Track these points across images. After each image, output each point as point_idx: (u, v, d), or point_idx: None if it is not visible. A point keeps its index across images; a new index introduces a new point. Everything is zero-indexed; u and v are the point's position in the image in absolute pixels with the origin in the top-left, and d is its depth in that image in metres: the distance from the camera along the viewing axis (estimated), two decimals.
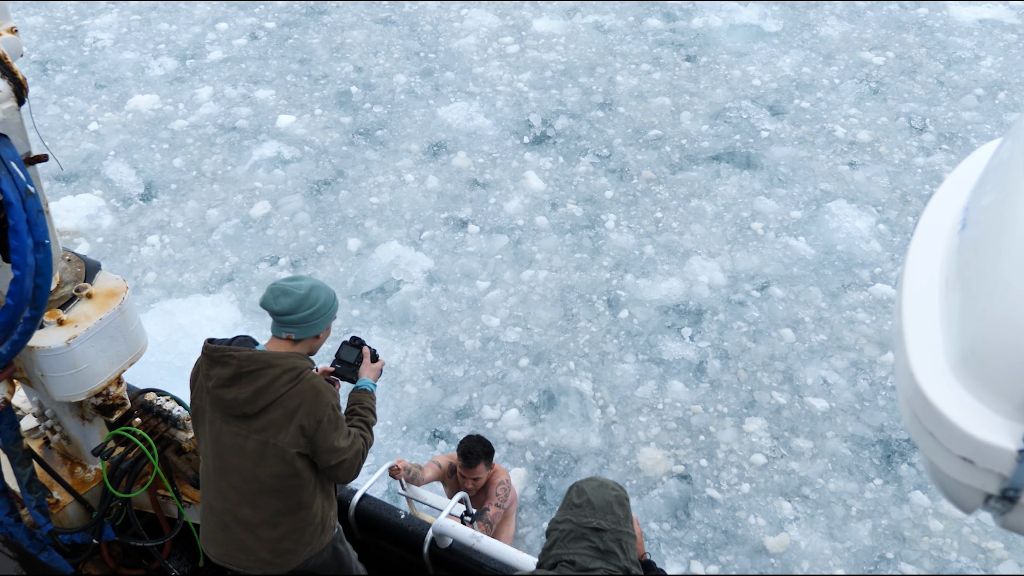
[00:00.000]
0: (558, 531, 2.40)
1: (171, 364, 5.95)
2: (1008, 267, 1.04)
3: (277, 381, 2.78)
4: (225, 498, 2.94)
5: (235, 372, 2.79)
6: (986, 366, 1.06)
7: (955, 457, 1.08)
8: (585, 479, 2.52)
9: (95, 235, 7.06)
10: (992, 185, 1.17)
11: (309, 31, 9.36)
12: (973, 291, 1.11)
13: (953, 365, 1.11)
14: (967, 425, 1.06)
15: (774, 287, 6.61)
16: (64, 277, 3.24)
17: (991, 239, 1.09)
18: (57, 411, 3.48)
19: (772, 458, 5.51)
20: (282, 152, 7.80)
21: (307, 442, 2.82)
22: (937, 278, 1.22)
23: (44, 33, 9.41)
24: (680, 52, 9.01)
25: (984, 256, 1.10)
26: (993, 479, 1.04)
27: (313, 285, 2.89)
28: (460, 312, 6.39)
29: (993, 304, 1.05)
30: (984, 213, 1.16)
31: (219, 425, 2.89)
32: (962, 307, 1.12)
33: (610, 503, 2.40)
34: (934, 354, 1.14)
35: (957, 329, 1.12)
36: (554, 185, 7.48)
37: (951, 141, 7.81)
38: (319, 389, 2.83)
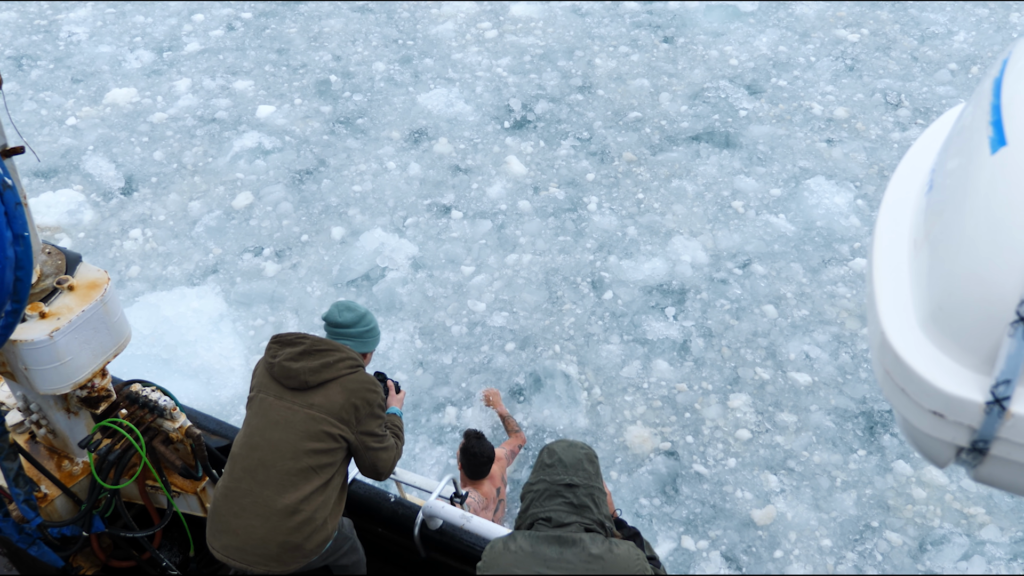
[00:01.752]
0: (533, 492, 2.47)
1: (157, 357, 5.95)
2: (971, 227, 1.07)
3: (341, 363, 3.08)
4: (252, 476, 3.00)
5: (307, 349, 3.08)
6: (953, 322, 1.10)
7: (926, 412, 1.11)
8: (554, 441, 2.59)
9: (76, 230, 7.03)
10: (956, 148, 1.20)
11: (286, 21, 9.31)
12: (939, 251, 1.14)
13: (922, 322, 1.15)
14: (936, 380, 1.09)
15: (756, 264, 6.67)
16: (45, 270, 3.24)
17: (955, 200, 1.13)
18: (42, 405, 3.48)
19: (757, 433, 5.58)
20: (263, 143, 7.77)
21: (356, 423, 3.05)
22: (906, 239, 1.26)
23: (18, 28, 9.31)
24: (658, 33, 9.02)
25: (949, 217, 1.14)
26: (963, 432, 1.08)
27: (368, 310, 3.33)
28: (446, 297, 6.41)
29: (958, 262, 1.09)
30: (949, 175, 1.19)
31: (271, 401, 3.09)
32: (930, 266, 1.15)
33: (580, 460, 2.47)
34: (904, 312, 1.18)
35: (925, 288, 1.15)
36: (536, 169, 7.50)
37: (926, 116, 7.87)
38: (375, 381, 3.16)
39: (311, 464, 2.99)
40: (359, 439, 3.08)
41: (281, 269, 6.63)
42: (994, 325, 1.03)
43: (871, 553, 5.00)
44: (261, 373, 3.17)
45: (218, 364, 5.86)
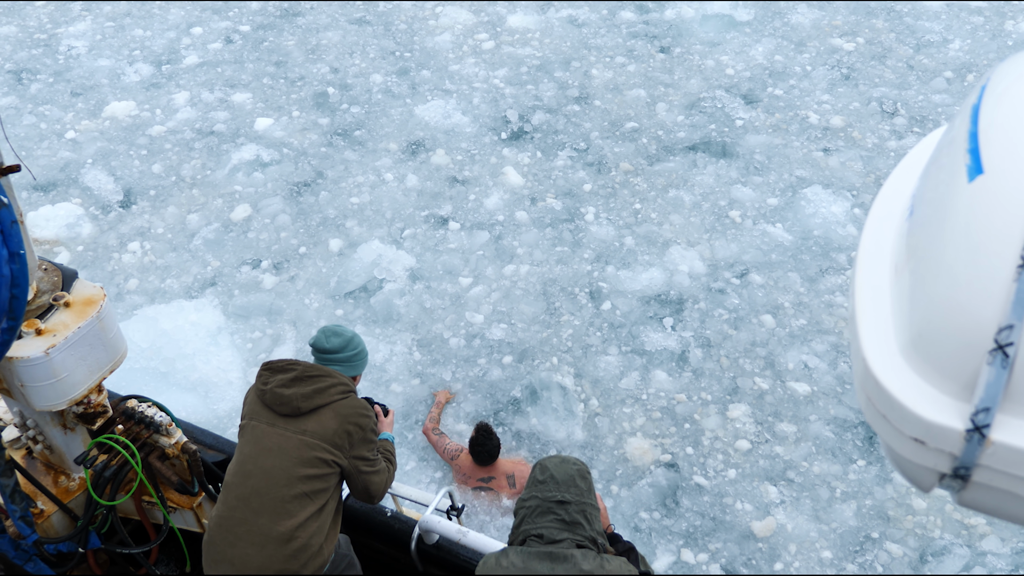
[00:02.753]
0: (525, 508, 2.47)
1: (155, 370, 5.95)
2: (950, 254, 1.08)
3: (333, 389, 3.10)
4: (246, 504, 2.97)
5: (298, 375, 3.10)
6: (933, 349, 1.10)
7: (907, 438, 1.11)
8: (547, 457, 2.59)
9: (75, 244, 7.04)
10: (935, 174, 1.21)
11: (284, 33, 9.34)
12: (919, 277, 1.14)
13: (903, 348, 1.15)
14: (917, 407, 1.09)
15: (753, 274, 6.67)
16: (41, 286, 3.24)
17: (934, 227, 1.13)
18: (39, 421, 3.48)
19: (756, 443, 5.57)
20: (261, 155, 7.79)
21: (349, 448, 3.05)
22: (888, 264, 1.26)
23: (18, 42, 9.35)
24: (654, 44, 9.05)
25: (928, 244, 1.14)
26: (945, 458, 1.08)
27: (356, 333, 3.34)
28: (443, 309, 6.41)
29: (937, 290, 1.09)
30: (928, 201, 1.19)
31: (263, 428, 3.08)
32: (910, 293, 1.16)
33: (572, 476, 2.47)
34: (885, 338, 1.18)
35: (906, 314, 1.16)
36: (533, 180, 7.51)
37: (922, 124, 7.89)
38: (367, 406, 3.18)
39: (305, 490, 2.98)
40: (352, 464, 3.08)
41: (279, 281, 6.63)
42: (973, 353, 1.03)
43: (871, 564, 4.98)
44: (252, 400, 3.16)
45: (216, 377, 5.86)
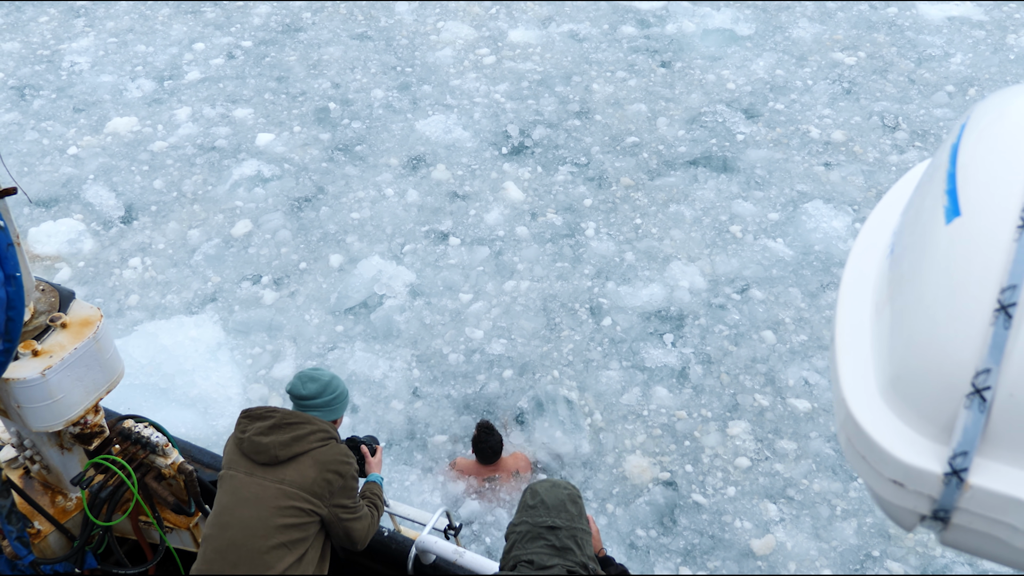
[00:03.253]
0: (516, 533, 2.46)
1: (155, 386, 5.95)
2: (928, 297, 1.07)
3: (312, 436, 3.04)
4: (224, 557, 2.92)
5: (276, 423, 3.04)
6: (911, 391, 1.09)
7: (887, 481, 1.10)
8: (538, 481, 2.58)
9: (76, 259, 7.05)
10: (914, 213, 1.21)
11: (286, 49, 9.38)
12: (899, 318, 1.14)
13: (882, 389, 1.14)
14: (895, 449, 1.09)
15: (754, 289, 6.66)
16: (38, 307, 3.25)
17: (913, 268, 1.13)
18: (36, 441, 3.48)
19: (756, 460, 5.55)
20: (262, 170, 7.81)
21: (329, 497, 3.00)
22: (869, 302, 1.26)
23: (21, 58, 9.40)
24: (655, 58, 9.07)
25: (907, 284, 1.14)
26: (924, 501, 1.07)
27: (333, 375, 3.26)
28: (443, 325, 6.41)
29: (916, 332, 1.09)
30: (907, 241, 1.19)
31: (241, 477, 3.01)
32: (890, 332, 1.15)
33: (563, 501, 2.46)
34: (865, 379, 1.17)
35: (885, 354, 1.15)
36: (533, 195, 7.52)
37: (924, 138, 7.89)
38: (347, 452, 3.13)
39: (283, 540, 2.92)
40: (331, 512, 3.03)
41: (279, 297, 6.64)
42: (950, 396, 1.03)
43: None
44: (231, 450, 3.10)
45: (215, 393, 5.86)
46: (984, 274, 1.00)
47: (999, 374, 0.98)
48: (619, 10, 9.82)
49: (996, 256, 1.00)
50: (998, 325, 0.98)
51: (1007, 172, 1.03)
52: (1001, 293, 0.98)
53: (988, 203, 1.03)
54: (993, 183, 1.04)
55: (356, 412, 5.84)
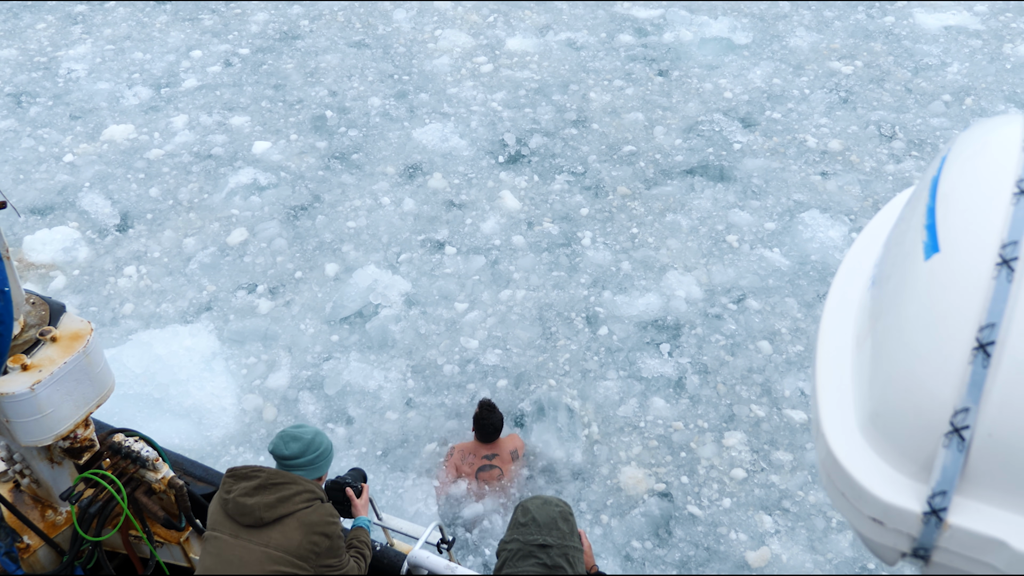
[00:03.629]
0: (507, 551, 2.45)
1: (149, 396, 5.93)
2: (907, 333, 1.06)
3: (298, 497, 3.01)
4: None
5: (261, 483, 3.00)
6: (890, 428, 1.08)
7: (866, 518, 1.09)
8: (529, 498, 2.57)
9: (71, 268, 7.04)
10: (895, 246, 1.19)
11: (283, 56, 9.38)
12: (878, 352, 1.12)
13: (862, 425, 1.13)
14: (874, 487, 1.07)
15: (750, 299, 6.65)
16: (28, 320, 3.23)
17: (893, 303, 1.12)
18: (25, 455, 3.46)
19: (752, 472, 5.53)
20: (258, 178, 7.80)
21: (314, 558, 2.98)
22: (851, 334, 1.24)
23: (18, 65, 9.39)
24: (652, 67, 9.07)
25: (887, 320, 1.12)
26: (904, 539, 1.06)
27: (316, 431, 3.22)
28: (439, 335, 6.39)
29: (895, 368, 1.07)
30: (887, 275, 1.18)
31: (225, 539, 2.99)
32: (870, 367, 1.14)
33: (554, 519, 2.45)
34: (844, 414, 1.16)
35: (866, 389, 1.14)
36: (530, 204, 7.51)
37: (920, 148, 7.89)
38: (333, 513, 3.11)
39: None
40: (318, 571, 3.01)
41: (275, 306, 6.62)
42: (929, 434, 1.01)
43: None
44: (216, 511, 3.06)
45: (210, 404, 5.84)
46: (962, 312, 0.99)
47: (978, 413, 0.97)
48: (617, 19, 9.82)
49: (974, 294, 0.99)
50: (976, 364, 0.97)
51: (986, 208, 1.02)
52: (979, 331, 0.97)
53: (967, 240, 1.02)
54: (972, 219, 1.03)
55: (351, 423, 5.82)
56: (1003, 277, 0.97)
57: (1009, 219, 0.99)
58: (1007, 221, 0.99)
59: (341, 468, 5.51)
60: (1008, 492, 0.98)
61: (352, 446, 5.69)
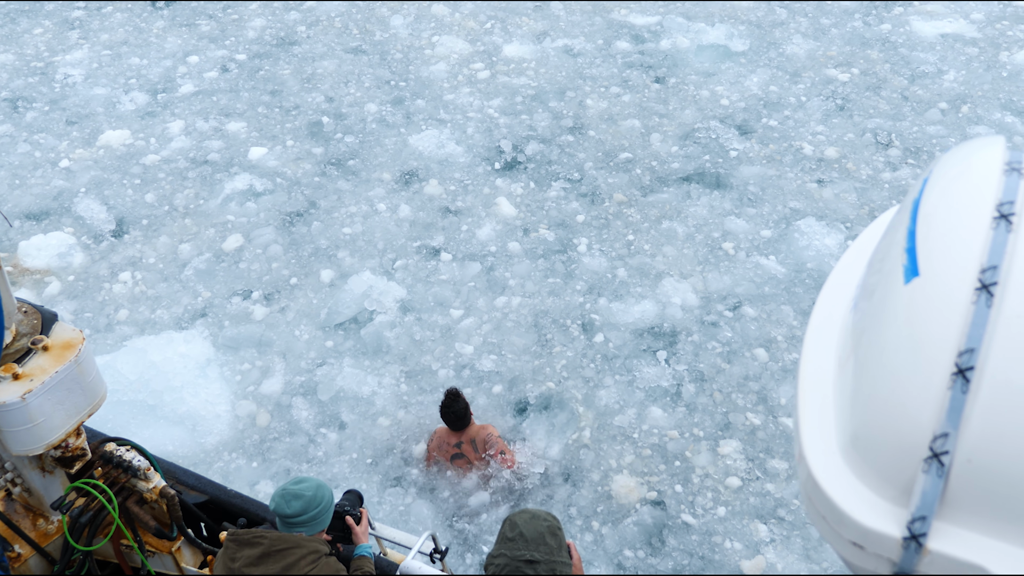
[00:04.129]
0: (494, 565, 2.44)
1: (143, 403, 5.91)
2: (887, 357, 1.06)
3: (303, 560, 3.01)
4: None
5: (265, 551, 3.00)
6: (870, 452, 1.07)
7: (847, 542, 1.09)
8: (517, 512, 2.56)
9: (66, 273, 7.02)
10: (877, 266, 1.19)
11: (280, 62, 9.38)
12: (859, 375, 1.12)
13: (843, 448, 1.12)
14: (854, 512, 1.07)
15: (746, 307, 6.65)
16: (20, 329, 3.22)
17: (873, 326, 1.11)
18: (17, 464, 3.45)
19: (747, 480, 5.52)
20: (254, 184, 7.80)
21: None
22: (833, 356, 1.23)
23: (15, 70, 9.39)
24: (649, 74, 9.08)
25: (867, 342, 1.12)
26: (884, 563, 1.05)
27: (317, 485, 3.19)
28: (433, 341, 6.39)
29: (875, 392, 1.07)
30: (868, 297, 1.17)
31: None
32: (851, 390, 1.13)
33: (542, 534, 2.44)
34: (826, 437, 1.15)
35: (847, 412, 1.13)
36: (526, 211, 7.51)
37: (917, 155, 7.90)
38: (339, 568, 3.11)
39: None
40: None
41: (270, 312, 6.61)
42: (909, 459, 1.01)
43: None
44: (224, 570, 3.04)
45: (204, 410, 5.82)
46: (942, 337, 0.99)
47: (957, 439, 0.97)
48: (614, 26, 9.83)
49: (953, 319, 0.98)
50: (956, 389, 0.97)
51: (965, 233, 1.02)
52: (959, 356, 0.97)
53: (946, 264, 1.02)
54: (951, 244, 1.03)
55: (344, 429, 5.81)
56: (982, 302, 0.97)
57: (989, 244, 0.99)
58: (986, 246, 0.99)
59: (334, 475, 5.51)
60: (987, 517, 0.98)
61: (343, 452, 5.68)
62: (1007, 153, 1.08)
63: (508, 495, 5.39)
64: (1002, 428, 0.95)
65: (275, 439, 5.75)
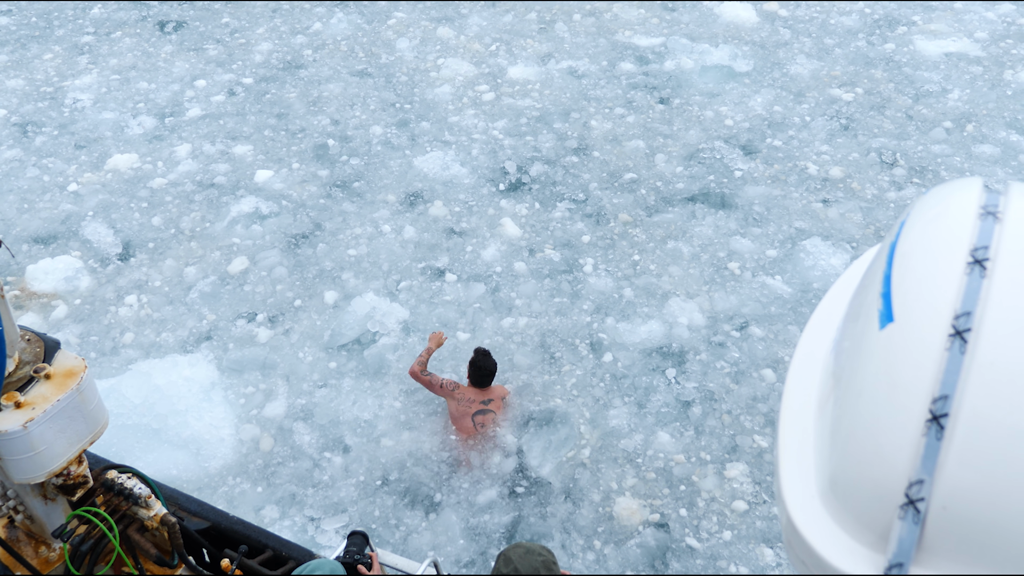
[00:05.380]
0: None
1: (147, 427, 5.91)
2: (863, 402, 1.06)
3: None
4: None
5: None
6: (848, 496, 1.07)
7: None
8: (512, 546, 2.55)
9: (73, 297, 7.05)
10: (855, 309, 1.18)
11: (286, 86, 9.45)
12: (837, 419, 1.12)
13: (822, 492, 1.12)
14: (832, 557, 1.06)
15: (753, 326, 6.63)
16: (23, 357, 3.23)
17: (850, 370, 1.11)
18: (19, 491, 3.44)
19: (754, 504, 5.48)
20: (260, 207, 7.83)
21: None
22: (813, 397, 1.23)
23: (24, 95, 9.48)
24: (653, 95, 9.11)
25: (845, 386, 1.12)
26: None
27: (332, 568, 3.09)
28: (439, 361, 6.37)
29: (852, 437, 1.07)
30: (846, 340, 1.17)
31: None
32: (830, 433, 1.13)
33: (536, 568, 2.43)
34: (805, 480, 1.15)
35: (825, 456, 1.13)
36: (531, 231, 7.52)
37: (922, 175, 7.88)
38: None
39: None
40: None
41: (274, 335, 6.62)
42: (886, 505, 1.01)
43: None
44: None
45: (208, 434, 5.82)
46: (916, 383, 0.99)
47: (932, 486, 0.97)
48: (618, 47, 9.88)
49: (927, 365, 0.98)
50: (930, 436, 0.96)
51: (939, 278, 1.02)
52: (933, 403, 0.97)
53: (920, 310, 1.02)
54: (925, 289, 1.03)
55: (348, 452, 5.80)
56: (956, 348, 0.97)
57: (963, 289, 0.99)
58: (960, 291, 0.99)
59: (341, 500, 5.48)
60: (963, 564, 0.98)
61: (350, 475, 5.66)
62: (983, 196, 1.08)
63: (523, 512, 5.36)
64: (976, 475, 0.95)
65: (279, 463, 5.73)
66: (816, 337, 1.32)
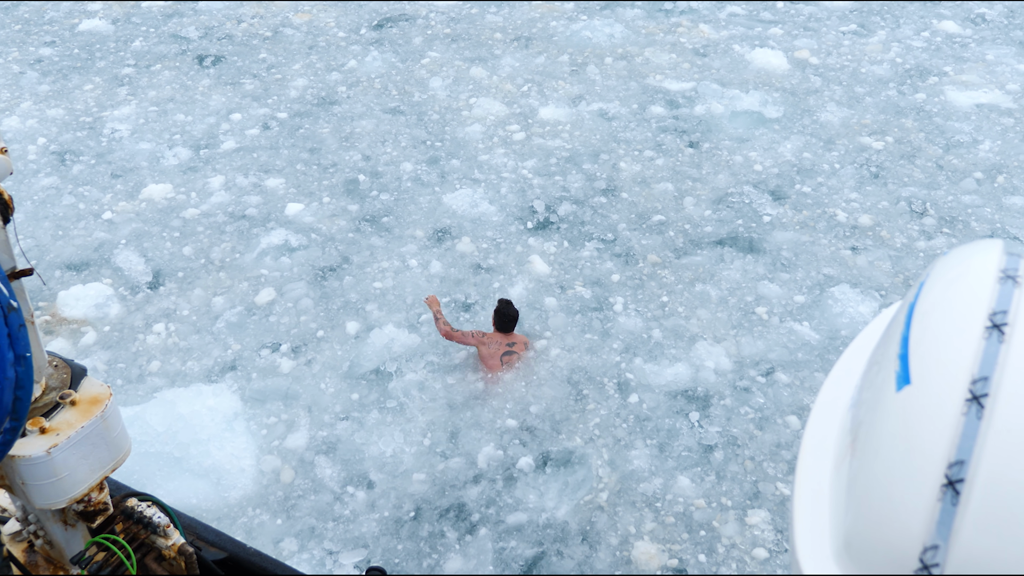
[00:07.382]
0: None
1: (170, 455, 5.93)
2: (879, 465, 1.05)
3: None
4: None
5: None
6: (862, 559, 1.06)
7: None
8: None
9: (102, 324, 7.14)
10: (874, 369, 1.17)
11: (320, 121, 9.60)
12: (854, 478, 1.11)
13: (836, 552, 1.11)
14: None
15: (779, 372, 6.55)
16: (50, 383, 3.26)
17: (867, 430, 1.10)
18: (40, 516, 3.46)
19: (775, 552, 5.37)
20: (289, 240, 7.92)
21: None
22: (831, 453, 1.22)
23: (64, 125, 9.71)
24: (683, 138, 9.14)
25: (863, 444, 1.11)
26: None
27: None
28: (463, 395, 6.35)
29: (867, 499, 1.06)
30: (864, 399, 1.16)
31: None
32: (846, 492, 1.12)
33: None
34: (820, 537, 1.13)
35: (841, 514, 1.12)
36: (559, 269, 7.53)
37: (952, 224, 7.81)
38: None
39: None
40: None
41: (296, 365, 6.64)
42: (899, 570, 0.99)
43: None
44: None
45: (229, 464, 5.83)
46: (932, 448, 0.98)
47: (947, 552, 0.95)
48: (648, 91, 9.95)
49: (943, 430, 0.97)
50: (945, 501, 0.95)
51: (957, 342, 1.01)
52: (948, 468, 0.96)
53: (937, 374, 1.01)
54: (943, 353, 1.02)
55: (372, 488, 5.77)
56: (972, 413, 0.96)
57: (980, 354, 0.98)
58: (978, 356, 0.98)
59: (362, 535, 5.45)
60: None
61: (375, 510, 5.62)
62: (1003, 259, 1.07)
63: None
64: (991, 542, 0.94)
65: (300, 496, 5.72)
66: (836, 391, 1.30)
